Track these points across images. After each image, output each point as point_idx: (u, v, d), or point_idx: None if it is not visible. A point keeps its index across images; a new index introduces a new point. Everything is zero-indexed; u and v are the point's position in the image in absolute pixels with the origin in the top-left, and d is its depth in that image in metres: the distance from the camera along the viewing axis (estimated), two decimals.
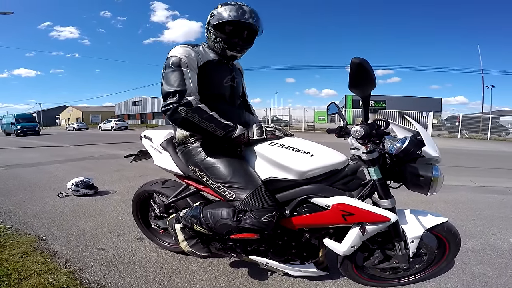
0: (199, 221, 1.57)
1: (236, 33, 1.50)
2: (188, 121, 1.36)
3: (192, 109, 1.35)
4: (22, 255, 2.02)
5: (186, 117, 1.35)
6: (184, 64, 1.42)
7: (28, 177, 4.76)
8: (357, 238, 1.42)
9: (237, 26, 1.48)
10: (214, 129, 1.39)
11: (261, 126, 1.51)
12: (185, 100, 1.35)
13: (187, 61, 1.43)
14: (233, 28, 1.49)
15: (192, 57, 1.45)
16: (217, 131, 1.39)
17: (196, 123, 1.36)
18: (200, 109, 1.37)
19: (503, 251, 2.20)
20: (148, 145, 1.98)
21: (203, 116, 1.37)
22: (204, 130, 1.39)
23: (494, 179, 4.95)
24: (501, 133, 17.62)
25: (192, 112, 1.35)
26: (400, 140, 1.42)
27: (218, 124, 1.39)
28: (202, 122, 1.36)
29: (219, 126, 1.40)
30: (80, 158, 7.14)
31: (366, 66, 1.16)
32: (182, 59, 1.42)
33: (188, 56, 1.44)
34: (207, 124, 1.37)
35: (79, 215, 2.91)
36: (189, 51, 1.46)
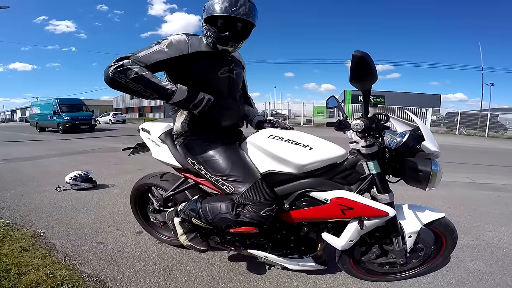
0: (197, 215, 1.57)
1: (227, 27, 1.42)
2: (116, 81, 1.29)
3: (120, 69, 1.27)
4: (21, 250, 2.02)
5: (113, 77, 1.28)
6: (164, 43, 1.40)
7: (25, 171, 4.74)
8: (355, 232, 1.42)
9: (228, 20, 1.40)
10: (143, 91, 1.31)
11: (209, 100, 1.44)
12: (119, 62, 1.29)
13: (168, 42, 1.40)
14: (224, 22, 1.41)
15: (179, 43, 1.42)
16: (147, 93, 1.31)
17: (123, 84, 1.29)
18: (128, 69, 1.28)
19: (498, 247, 2.22)
20: (146, 138, 1.97)
21: (130, 76, 1.27)
22: (133, 92, 1.31)
23: (490, 176, 4.98)
24: (499, 131, 17.67)
25: (120, 72, 1.27)
26: (400, 134, 1.42)
27: (146, 85, 1.30)
28: (130, 83, 1.28)
29: (149, 87, 1.31)
30: (78, 152, 7.11)
31: (367, 60, 1.15)
32: (167, 40, 1.41)
33: (175, 40, 1.42)
34: (134, 85, 1.29)
35: (77, 209, 2.91)
36: (180, 38, 1.44)
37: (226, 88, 1.61)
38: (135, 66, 1.30)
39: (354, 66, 1.18)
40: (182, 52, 1.43)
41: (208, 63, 1.52)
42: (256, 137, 1.58)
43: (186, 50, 1.44)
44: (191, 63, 1.47)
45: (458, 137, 15.76)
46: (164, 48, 1.39)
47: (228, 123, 1.64)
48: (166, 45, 1.40)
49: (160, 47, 1.39)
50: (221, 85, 1.58)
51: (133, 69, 1.29)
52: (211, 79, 1.54)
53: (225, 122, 1.62)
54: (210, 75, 1.53)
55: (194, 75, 1.49)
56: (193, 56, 1.47)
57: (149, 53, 1.37)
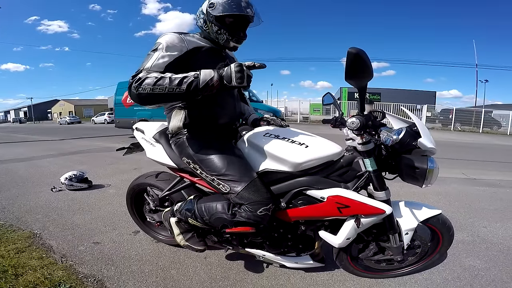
0: (193, 215, 1.57)
1: (239, 26, 1.50)
2: (142, 94, 1.26)
3: (139, 82, 1.26)
4: (18, 251, 2.01)
5: (138, 92, 1.26)
6: (161, 48, 1.38)
7: (20, 172, 4.69)
8: (352, 230, 1.43)
9: (240, 19, 1.48)
10: (170, 89, 1.24)
11: (241, 66, 1.24)
12: (136, 77, 1.28)
13: (165, 46, 1.39)
14: (234, 21, 1.47)
15: (174, 43, 1.41)
16: (175, 89, 1.24)
17: (150, 92, 1.25)
18: (147, 78, 1.26)
19: (493, 243, 2.24)
20: (140, 137, 1.95)
21: (152, 83, 1.24)
22: (162, 95, 1.25)
23: (485, 172, 5.03)
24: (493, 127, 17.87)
25: (140, 85, 1.25)
26: (396, 131, 1.42)
27: (171, 82, 1.24)
28: (155, 89, 1.24)
29: (173, 84, 1.24)
30: (73, 152, 7.04)
31: (363, 57, 1.14)
32: (161, 44, 1.39)
33: (169, 41, 1.40)
34: (160, 88, 1.24)
35: (73, 209, 2.89)
36: (173, 38, 1.42)
37: None
38: (152, 74, 1.29)
39: (349, 63, 1.17)
40: (182, 50, 1.42)
41: (205, 59, 1.51)
42: (252, 135, 1.57)
43: (185, 48, 1.43)
44: (191, 59, 1.46)
45: (453, 133, 15.90)
46: (165, 53, 1.38)
47: (225, 121, 1.64)
48: (164, 49, 1.38)
49: (161, 52, 1.37)
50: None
51: (150, 77, 1.27)
52: None
53: (222, 120, 1.61)
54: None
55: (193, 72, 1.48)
56: (192, 52, 1.46)
57: (155, 61, 1.35)
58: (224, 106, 1.61)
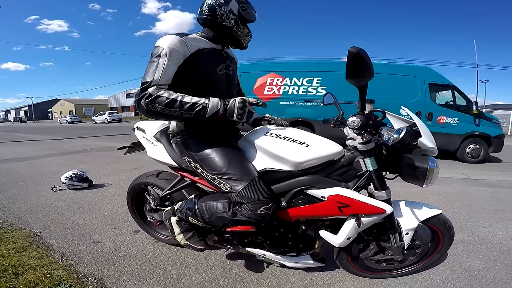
0: (194, 214, 1.57)
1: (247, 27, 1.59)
2: (152, 111, 1.32)
3: (151, 99, 1.30)
4: (18, 250, 2.01)
5: (147, 108, 1.31)
6: (164, 55, 1.36)
7: (20, 171, 4.70)
8: (353, 229, 1.43)
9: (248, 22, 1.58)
10: (180, 113, 1.32)
11: (244, 103, 1.35)
12: (145, 92, 1.31)
13: (168, 52, 1.36)
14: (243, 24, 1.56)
15: (177, 48, 1.39)
16: (184, 114, 1.32)
17: (159, 111, 1.31)
18: (158, 97, 1.30)
19: (493, 244, 2.23)
20: (141, 136, 1.95)
21: (164, 102, 1.29)
22: (171, 116, 1.34)
23: (485, 172, 5.03)
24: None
25: (151, 102, 1.30)
26: (397, 130, 1.41)
27: (181, 107, 1.31)
28: (165, 110, 1.30)
29: (183, 109, 1.31)
30: (74, 151, 7.06)
31: (363, 56, 1.14)
32: (164, 49, 1.37)
33: (171, 46, 1.38)
34: (170, 110, 1.31)
35: (74, 209, 2.89)
36: (175, 42, 1.39)
37: (225, 85, 1.61)
38: (162, 92, 1.32)
39: (350, 63, 1.17)
40: (185, 55, 1.42)
41: (207, 60, 1.51)
42: (253, 135, 1.57)
43: (187, 52, 1.42)
44: (193, 62, 1.45)
45: None
46: (169, 60, 1.36)
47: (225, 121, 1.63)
48: (169, 55, 1.36)
49: (165, 60, 1.36)
50: (220, 82, 1.58)
51: (162, 96, 1.31)
52: (211, 77, 1.53)
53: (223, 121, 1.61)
54: (210, 72, 1.53)
55: (196, 74, 1.48)
56: (195, 55, 1.46)
57: (162, 72, 1.35)
58: None
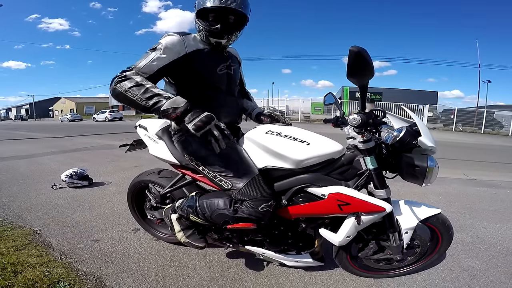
0: (195, 211, 1.57)
1: (219, 19, 1.44)
2: (116, 90, 1.29)
3: (121, 79, 1.29)
4: (17, 248, 2.01)
5: (114, 87, 1.29)
6: (159, 49, 1.38)
7: (21, 169, 4.70)
8: (353, 228, 1.43)
9: (219, 12, 1.42)
10: (139, 99, 1.26)
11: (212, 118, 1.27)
12: (123, 74, 1.31)
13: (163, 47, 1.39)
14: (215, 14, 1.43)
15: (174, 45, 1.41)
16: (143, 100, 1.26)
17: (122, 92, 1.28)
18: (130, 79, 1.29)
19: (492, 244, 2.23)
20: (143, 134, 1.95)
21: (130, 85, 1.27)
22: (131, 100, 1.28)
23: (485, 173, 5.01)
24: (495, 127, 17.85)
25: (120, 82, 1.29)
26: (397, 129, 1.42)
27: (144, 93, 1.26)
28: (128, 92, 1.27)
29: (145, 96, 1.26)
30: (74, 149, 7.05)
31: (364, 55, 1.14)
32: (160, 44, 1.40)
33: (168, 43, 1.40)
34: (132, 94, 1.27)
35: (73, 207, 2.89)
36: (173, 39, 1.42)
37: (225, 85, 1.62)
38: (137, 77, 1.31)
39: (351, 61, 1.17)
40: (180, 53, 1.42)
41: (206, 60, 1.52)
42: (254, 132, 1.57)
43: (183, 51, 1.44)
44: (191, 62, 1.46)
45: (454, 133, 15.89)
46: (161, 54, 1.38)
47: (226, 120, 1.64)
48: (162, 50, 1.38)
49: (157, 54, 1.38)
50: (220, 82, 1.58)
51: (134, 79, 1.29)
52: (210, 77, 1.54)
53: (223, 118, 1.61)
54: (210, 72, 1.54)
55: (194, 74, 1.49)
56: (192, 55, 1.46)
57: (148, 62, 1.36)
58: (225, 104, 1.61)
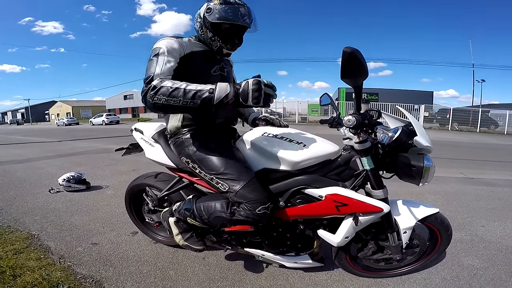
0: (192, 214, 1.57)
1: (234, 33, 1.50)
2: (157, 104, 1.23)
3: (155, 91, 1.22)
4: (16, 252, 2.00)
5: (153, 101, 1.23)
6: (163, 53, 1.38)
7: (18, 173, 4.68)
8: (351, 228, 1.43)
9: (237, 27, 1.47)
10: (185, 102, 1.19)
11: (259, 84, 1.14)
12: (150, 85, 1.27)
13: (166, 50, 1.39)
14: (230, 28, 1.47)
15: (174, 47, 1.42)
16: (189, 103, 1.19)
17: (164, 103, 1.22)
18: (162, 88, 1.22)
19: (491, 242, 2.24)
20: (139, 138, 1.95)
21: (167, 93, 1.20)
22: (176, 107, 1.22)
23: (482, 171, 5.04)
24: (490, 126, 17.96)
25: (156, 94, 1.22)
26: (392, 130, 1.43)
27: (185, 95, 1.19)
28: (170, 100, 1.20)
29: (187, 97, 1.19)
30: (71, 153, 7.03)
31: (358, 56, 1.15)
32: (161, 48, 1.39)
33: (169, 46, 1.41)
34: (174, 100, 1.20)
35: (71, 210, 2.88)
36: (171, 42, 1.43)
37: None
38: (166, 82, 1.25)
39: (344, 62, 1.18)
40: (180, 54, 1.44)
41: (201, 62, 1.53)
42: (250, 135, 1.58)
43: (182, 51, 1.45)
44: (187, 63, 1.47)
45: (450, 133, 15.96)
46: (168, 57, 1.38)
47: (222, 120, 1.65)
48: (166, 53, 1.39)
49: (164, 57, 1.37)
50: (214, 82, 1.58)
51: (166, 85, 1.23)
52: (205, 78, 1.55)
53: (219, 120, 1.62)
54: (204, 73, 1.55)
55: (189, 75, 1.49)
56: (189, 56, 1.47)
57: (163, 66, 1.35)
58: None
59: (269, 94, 1.15)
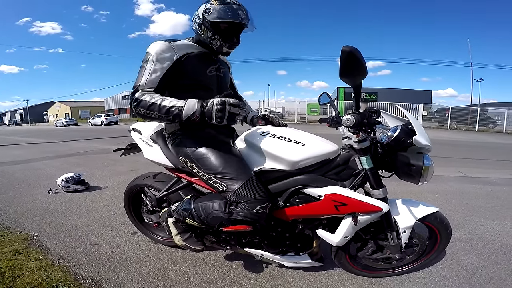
0: (191, 214, 1.57)
1: (233, 32, 1.53)
2: (140, 113, 1.36)
3: (137, 103, 1.35)
4: (15, 253, 2.00)
5: (136, 111, 1.36)
6: (151, 60, 1.41)
7: (16, 174, 4.67)
8: (350, 228, 1.43)
9: (235, 26, 1.50)
10: (160, 116, 1.32)
11: (223, 105, 1.24)
12: (133, 96, 1.37)
13: (155, 57, 1.41)
14: (229, 27, 1.49)
15: (164, 53, 1.43)
16: (163, 117, 1.32)
17: (144, 114, 1.35)
18: (142, 101, 1.34)
19: (490, 241, 2.24)
20: (137, 138, 1.94)
21: (146, 105, 1.33)
22: (155, 118, 1.35)
23: (481, 170, 5.05)
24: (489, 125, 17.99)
25: (137, 106, 1.34)
26: (391, 129, 1.42)
27: (160, 110, 1.31)
28: (148, 113, 1.34)
29: (162, 112, 1.31)
30: (70, 154, 7.02)
31: (356, 55, 1.14)
32: (152, 55, 1.42)
33: (159, 52, 1.42)
34: (152, 114, 1.33)
35: (70, 211, 2.87)
36: (162, 47, 1.44)
37: (216, 86, 1.63)
38: (146, 96, 1.35)
39: (343, 62, 1.17)
40: (172, 59, 1.45)
41: (197, 63, 1.54)
42: (249, 134, 1.57)
43: (175, 56, 1.46)
44: (182, 65, 1.49)
45: (449, 131, 15.99)
46: (156, 65, 1.41)
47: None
48: (155, 61, 1.42)
49: (152, 65, 1.41)
50: (210, 83, 1.61)
51: (144, 100, 1.34)
52: (201, 78, 1.56)
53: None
54: (200, 74, 1.56)
55: (185, 76, 1.51)
56: (183, 59, 1.49)
57: (148, 77, 1.40)
58: None
59: (234, 113, 1.26)
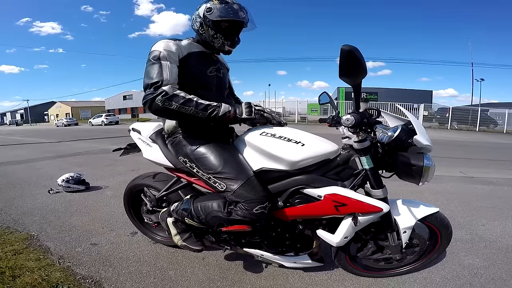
0: (190, 214, 1.56)
1: (233, 30, 1.56)
2: (167, 109, 1.37)
3: (168, 97, 1.36)
4: (15, 253, 2.00)
5: (163, 106, 1.36)
6: (164, 57, 1.43)
7: (17, 174, 4.67)
8: (350, 228, 1.43)
9: (235, 24, 1.54)
10: (195, 112, 1.38)
11: (250, 104, 1.49)
12: (161, 90, 1.36)
13: (166, 54, 1.44)
14: (229, 26, 1.53)
15: (172, 50, 1.47)
16: (199, 113, 1.38)
17: (175, 109, 1.36)
18: (176, 95, 1.37)
19: (491, 241, 2.24)
20: (136, 138, 1.94)
21: (180, 101, 1.36)
22: (185, 115, 1.38)
23: (482, 170, 5.04)
24: (490, 125, 17.97)
25: (169, 100, 1.35)
26: (392, 128, 1.41)
27: (197, 106, 1.38)
28: (181, 108, 1.36)
29: (199, 108, 1.38)
30: (71, 154, 7.03)
31: (356, 54, 1.13)
32: (161, 52, 1.44)
33: (167, 49, 1.46)
34: (186, 108, 1.37)
35: (71, 211, 2.88)
36: (170, 45, 1.48)
37: (215, 86, 1.64)
38: (179, 91, 1.40)
39: (342, 61, 1.16)
40: (179, 56, 1.49)
41: (198, 62, 1.57)
42: (248, 134, 1.57)
43: (180, 53, 1.50)
44: (185, 64, 1.50)
45: (450, 132, 15.97)
46: (168, 62, 1.44)
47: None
48: (168, 58, 1.44)
49: (167, 62, 1.43)
50: (210, 83, 1.62)
51: (179, 95, 1.38)
52: (202, 77, 1.58)
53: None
54: (201, 73, 1.58)
55: (188, 75, 1.52)
56: (186, 58, 1.52)
57: (169, 71, 1.42)
58: None
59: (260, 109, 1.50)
